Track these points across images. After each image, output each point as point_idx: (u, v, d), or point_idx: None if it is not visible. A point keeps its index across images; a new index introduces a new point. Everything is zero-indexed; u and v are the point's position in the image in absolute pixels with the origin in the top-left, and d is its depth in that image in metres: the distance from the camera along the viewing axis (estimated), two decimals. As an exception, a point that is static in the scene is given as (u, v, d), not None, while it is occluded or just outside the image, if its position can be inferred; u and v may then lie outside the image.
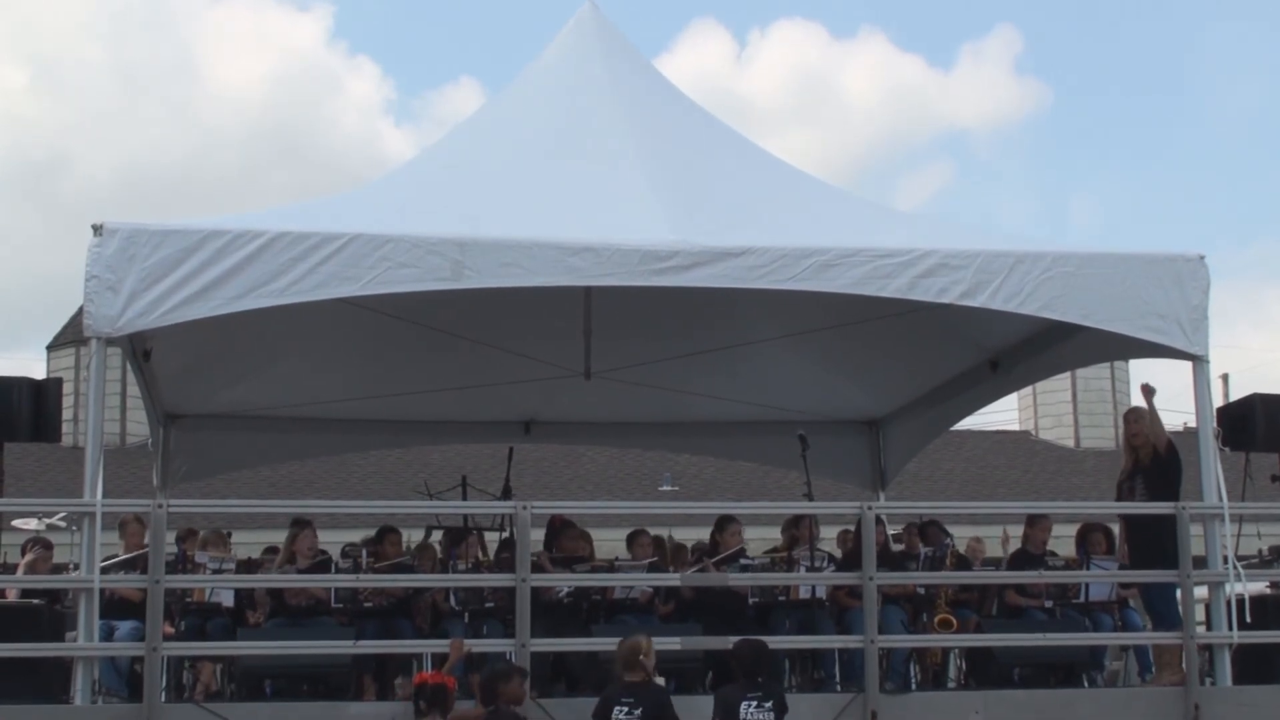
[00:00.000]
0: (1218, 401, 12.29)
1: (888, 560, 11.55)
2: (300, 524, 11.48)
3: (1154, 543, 10.70)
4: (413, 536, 13.33)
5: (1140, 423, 11.41)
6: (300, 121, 63.61)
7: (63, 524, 17.69)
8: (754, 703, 9.10)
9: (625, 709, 9.01)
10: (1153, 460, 11.18)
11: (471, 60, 69.47)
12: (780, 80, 65.11)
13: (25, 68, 60.97)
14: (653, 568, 11.44)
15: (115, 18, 64.69)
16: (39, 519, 17.93)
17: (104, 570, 9.90)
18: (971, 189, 69.46)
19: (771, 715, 9.12)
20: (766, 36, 66.83)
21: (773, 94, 65.35)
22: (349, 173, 60.59)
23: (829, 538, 13.44)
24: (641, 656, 9.23)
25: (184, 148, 60.36)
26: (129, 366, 11.95)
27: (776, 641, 10.86)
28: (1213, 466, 10.54)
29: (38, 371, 27.18)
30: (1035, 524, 12.39)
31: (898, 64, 64.45)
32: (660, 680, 9.71)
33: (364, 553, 11.61)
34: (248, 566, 11.99)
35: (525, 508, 9.91)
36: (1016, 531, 12.65)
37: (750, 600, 11.13)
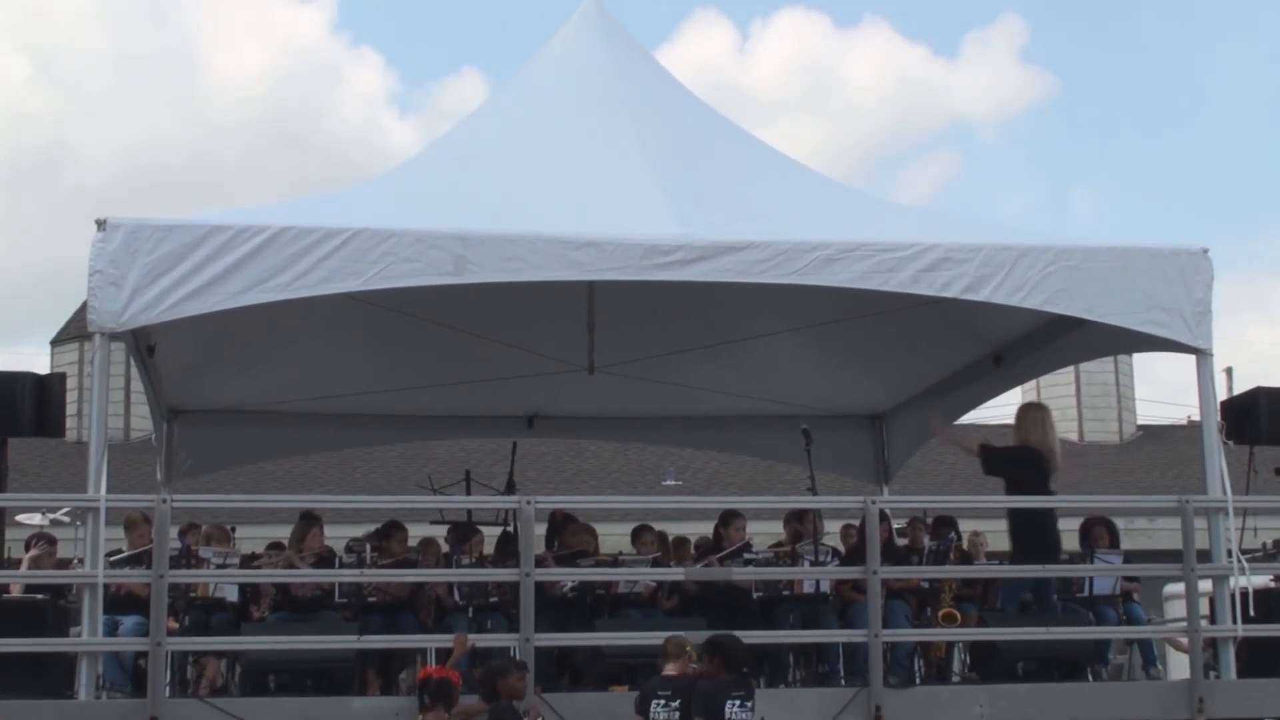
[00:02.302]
0: (1222, 395, 12.30)
1: (891, 555, 11.55)
2: (312, 520, 11.47)
3: (1025, 535, 11.00)
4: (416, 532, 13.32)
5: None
6: (303, 113, 63.63)
7: (66, 519, 17.70)
8: (738, 702, 8.94)
9: (663, 701, 8.99)
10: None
11: (473, 51, 69.47)
12: (783, 70, 65.05)
13: (27, 59, 61.02)
14: (656, 563, 11.46)
15: (117, 9, 64.76)
16: (43, 514, 17.92)
17: (109, 565, 9.91)
18: (976, 180, 69.41)
19: (753, 715, 8.99)
20: (769, 26, 66.77)
21: (776, 84, 65.31)
22: (352, 164, 60.60)
23: (832, 532, 13.44)
24: (688, 647, 9.27)
25: (186, 139, 60.39)
26: (133, 362, 11.97)
27: (781, 636, 10.91)
28: (1217, 460, 10.56)
29: (41, 366, 27.18)
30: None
31: (902, 53, 64.35)
32: None
33: (368, 547, 11.62)
34: (251, 561, 11.99)
35: (529, 502, 9.91)
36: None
37: (754, 595, 11.14)
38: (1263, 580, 11.23)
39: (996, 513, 17.74)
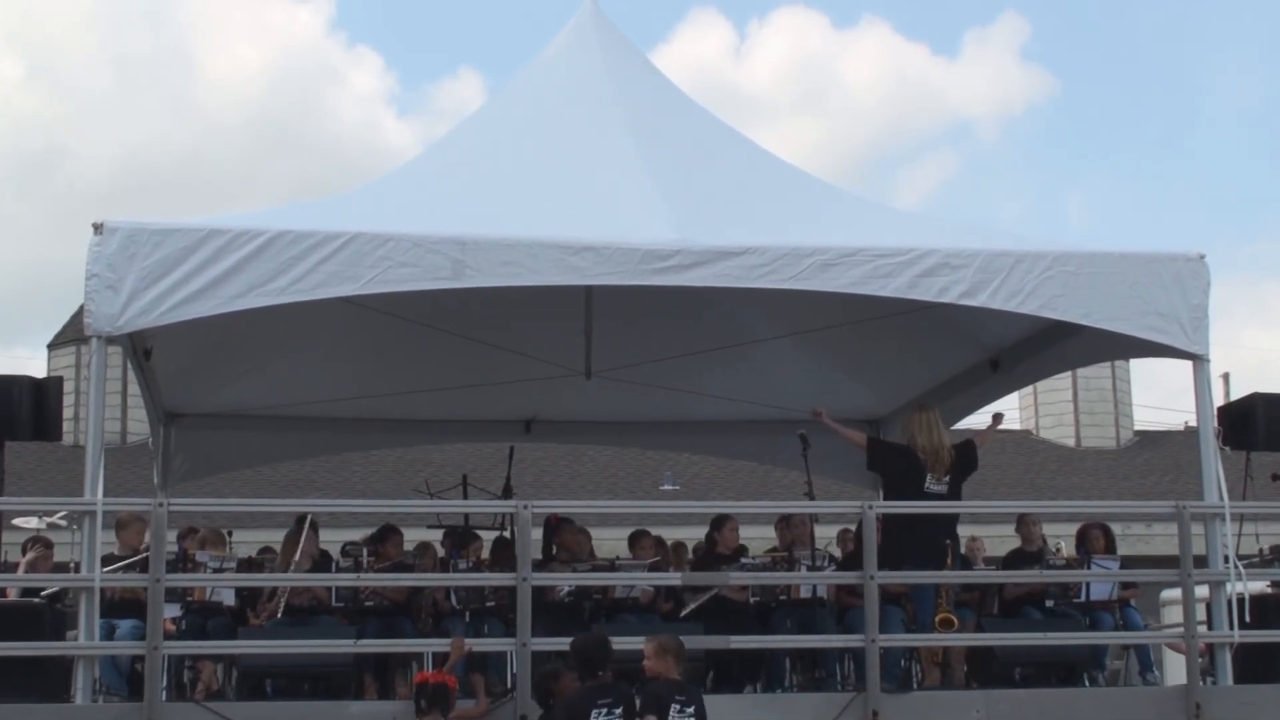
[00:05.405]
0: (1219, 400, 12.30)
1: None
2: (310, 525, 11.46)
3: (894, 533, 10.84)
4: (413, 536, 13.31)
5: None
6: (301, 113, 63.56)
7: (63, 523, 17.68)
8: (604, 709, 8.77)
9: (679, 706, 8.88)
10: None
11: (471, 52, 69.43)
12: (781, 70, 64.95)
13: (22, 59, 60.96)
14: (654, 568, 11.46)
15: (113, 8, 64.72)
16: (39, 518, 17.90)
17: (107, 569, 9.90)
18: (975, 181, 69.32)
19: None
20: (767, 25, 66.70)
21: (774, 84, 65.20)
22: (350, 164, 60.53)
23: (826, 536, 13.42)
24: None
25: (183, 139, 60.33)
26: (129, 365, 11.97)
27: (777, 641, 10.90)
28: (1213, 466, 10.56)
29: (36, 368, 27.21)
30: (1025, 522, 12.43)
31: (901, 53, 64.23)
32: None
33: (365, 551, 11.61)
34: (248, 565, 11.97)
35: (526, 507, 9.91)
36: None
37: (751, 599, 11.14)
38: (1259, 586, 11.24)
39: (996, 517, 17.83)
